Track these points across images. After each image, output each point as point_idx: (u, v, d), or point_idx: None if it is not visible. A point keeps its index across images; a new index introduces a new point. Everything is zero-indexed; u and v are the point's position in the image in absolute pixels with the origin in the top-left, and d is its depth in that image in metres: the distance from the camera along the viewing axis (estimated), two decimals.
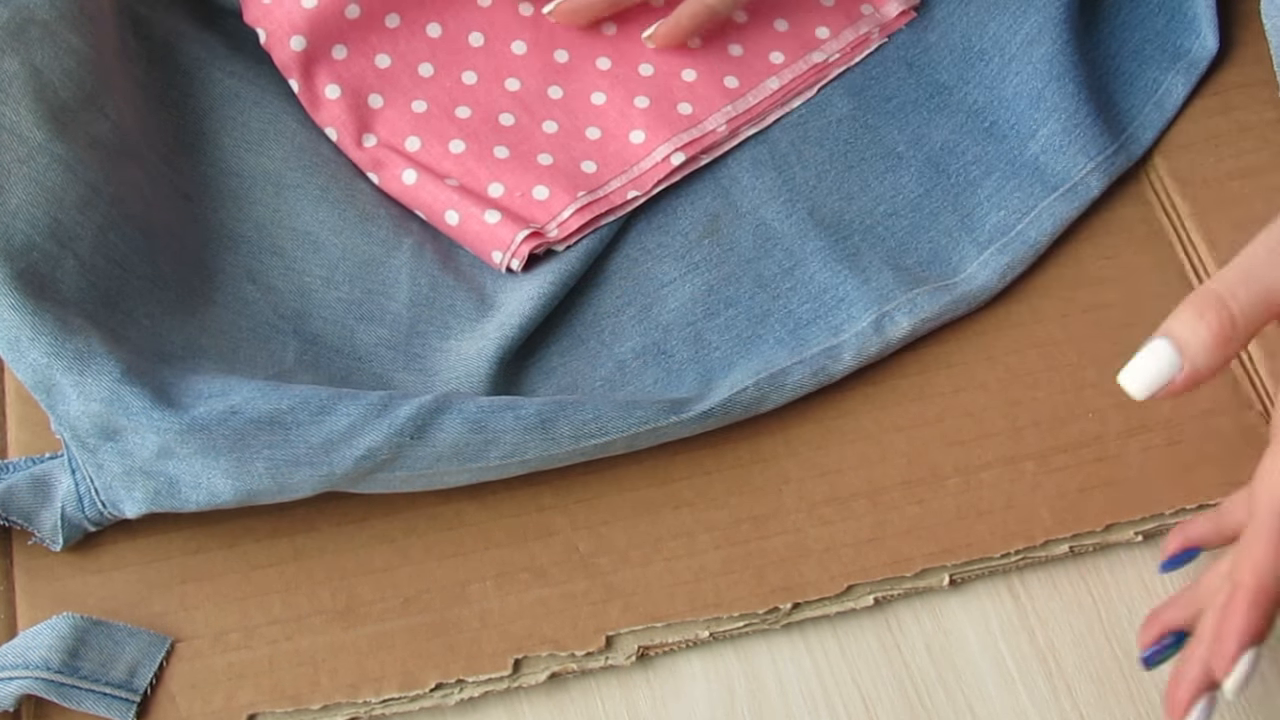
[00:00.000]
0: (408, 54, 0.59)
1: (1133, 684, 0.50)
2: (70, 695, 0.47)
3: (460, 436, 0.50)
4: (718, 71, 0.61)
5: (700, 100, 0.60)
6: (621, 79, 0.61)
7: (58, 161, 0.51)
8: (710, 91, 0.60)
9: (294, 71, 0.58)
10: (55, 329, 0.48)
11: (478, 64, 0.60)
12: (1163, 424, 0.55)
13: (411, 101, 0.59)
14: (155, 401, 0.48)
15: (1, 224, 0.49)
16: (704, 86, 0.61)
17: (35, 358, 0.48)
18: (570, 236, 0.57)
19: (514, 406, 0.50)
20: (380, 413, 0.49)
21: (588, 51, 0.61)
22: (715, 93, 0.60)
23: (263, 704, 0.49)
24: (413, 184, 0.57)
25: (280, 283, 0.56)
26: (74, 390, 0.48)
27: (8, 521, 0.50)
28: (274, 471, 0.49)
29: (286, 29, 0.57)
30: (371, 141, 0.58)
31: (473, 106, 0.59)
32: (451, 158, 0.58)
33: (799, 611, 0.51)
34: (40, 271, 0.49)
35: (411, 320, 0.56)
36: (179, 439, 0.48)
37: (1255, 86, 0.63)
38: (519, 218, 0.56)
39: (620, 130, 0.60)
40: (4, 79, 0.51)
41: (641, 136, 0.59)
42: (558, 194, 0.57)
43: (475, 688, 0.49)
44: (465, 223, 0.57)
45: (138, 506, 0.49)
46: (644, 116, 0.60)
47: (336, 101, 0.58)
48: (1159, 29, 0.64)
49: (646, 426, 0.51)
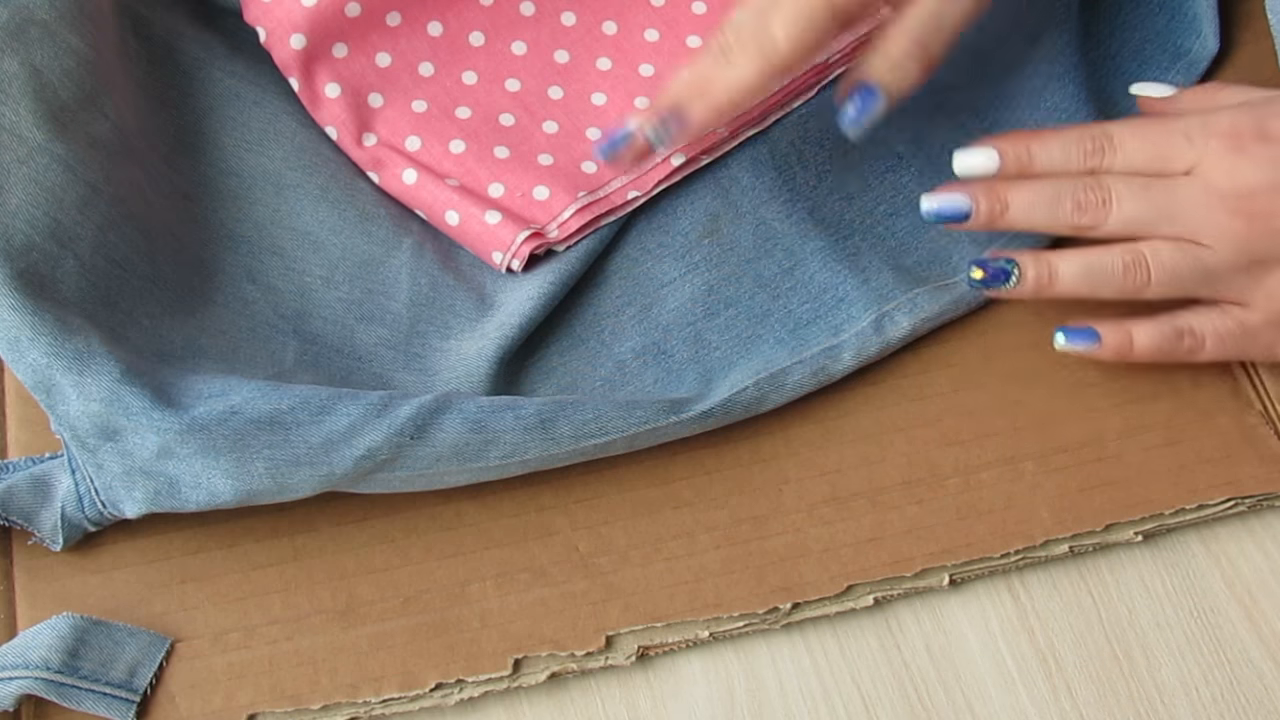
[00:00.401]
0: (408, 53, 0.59)
1: (1133, 684, 0.50)
2: (70, 695, 0.47)
3: (460, 436, 0.50)
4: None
5: None
6: (622, 80, 0.61)
7: (58, 161, 0.51)
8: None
9: (294, 70, 0.58)
10: (55, 329, 0.48)
11: (478, 64, 0.60)
12: (1163, 424, 0.55)
13: (412, 101, 0.59)
14: (155, 401, 0.48)
15: (1, 224, 0.49)
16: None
17: (35, 358, 0.48)
18: (571, 237, 0.57)
19: (514, 406, 0.50)
20: (380, 412, 0.49)
21: (588, 52, 0.61)
22: None
23: (262, 704, 0.48)
24: (413, 184, 0.57)
25: (280, 282, 0.56)
26: (74, 390, 0.48)
27: (8, 522, 0.50)
28: (274, 471, 0.49)
29: (287, 27, 0.57)
30: (372, 141, 0.58)
31: (473, 107, 0.59)
32: (452, 158, 0.58)
33: (799, 611, 0.51)
34: (40, 271, 0.49)
35: (411, 320, 0.56)
36: (179, 439, 0.48)
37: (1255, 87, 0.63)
38: (519, 218, 0.56)
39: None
40: (4, 79, 0.51)
41: None
42: (558, 194, 0.57)
43: (475, 687, 0.49)
44: (466, 223, 0.57)
45: (138, 507, 0.49)
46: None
47: (337, 100, 0.58)
48: (1159, 29, 0.64)
49: (646, 426, 0.51)
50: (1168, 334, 0.52)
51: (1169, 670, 0.51)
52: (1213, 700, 0.50)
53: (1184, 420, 0.55)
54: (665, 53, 0.61)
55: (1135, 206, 0.51)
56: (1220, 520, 0.53)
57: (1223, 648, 0.51)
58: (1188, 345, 0.52)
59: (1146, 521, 0.53)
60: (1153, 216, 0.51)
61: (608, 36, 0.62)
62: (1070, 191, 0.52)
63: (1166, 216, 0.51)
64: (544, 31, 0.61)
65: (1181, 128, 0.51)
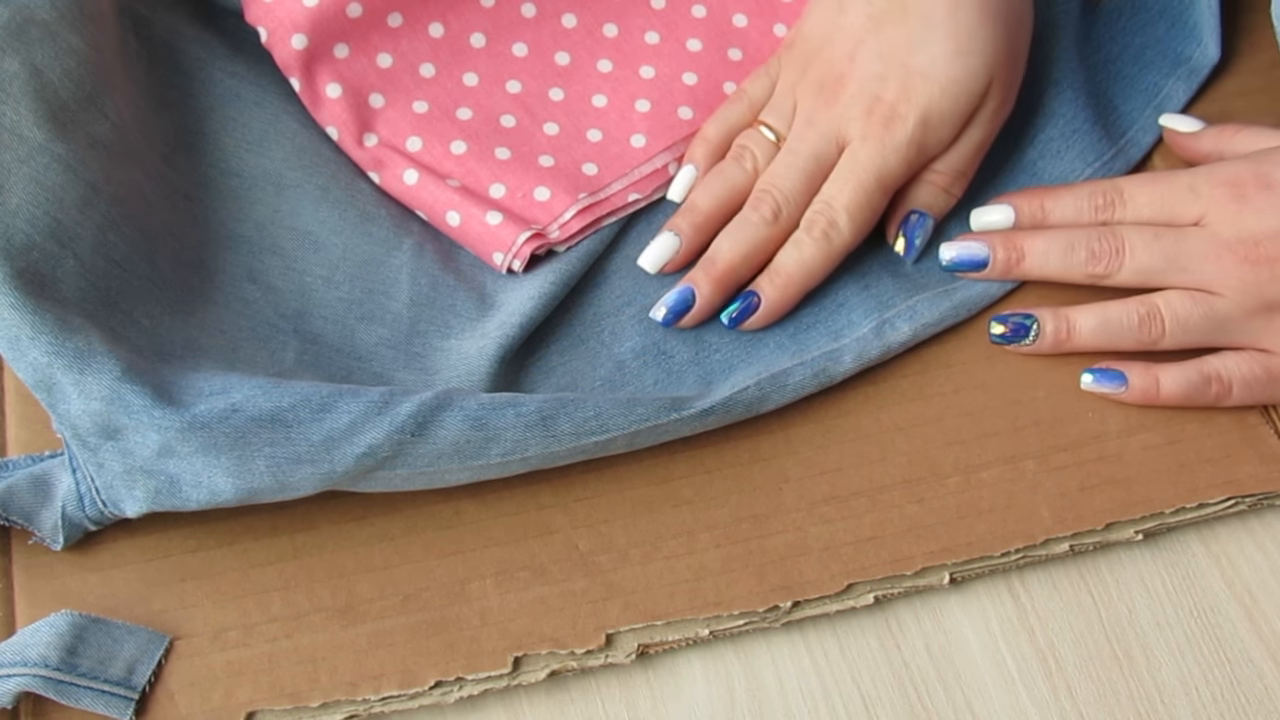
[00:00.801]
0: (409, 54, 0.60)
1: (1133, 684, 0.50)
2: (69, 693, 0.47)
3: (461, 433, 0.49)
4: (718, 76, 0.61)
5: (701, 105, 0.60)
6: (623, 81, 0.61)
7: (58, 161, 0.51)
8: (711, 97, 0.61)
9: (295, 70, 0.58)
10: (55, 328, 0.48)
11: (479, 65, 0.60)
12: (1163, 424, 0.55)
13: (413, 102, 0.59)
14: (156, 400, 0.48)
15: (1, 223, 0.49)
16: (704, 91, 0.61)
17: (36, 356, 0.48)
18: (572, 238, 0.57)
19: (515, 404, 0.50)
20: (381, 410, 0.49)
21: (589, 54, 0.61)
22: (716, 98, 0.61)
23: (262, 701, 0.48)
24: (414, 184, 0.57)
25: (280, 282, 0.56)
26: (74, 389, 0.48)
27: (8, 521, 0.50)
28: (275, 469, 0.48)
29: (288, 27, 0.57)
30: (373, 141, 0.58)
31: (474, 108, 0.59)
32: (453, 158, 0.58)
33: (799, 610, 0.51)
34: (40, 271, 0.49)
35: (412, 320, 0.56)
36: (180, 437, 0.48)
37: (1255, 95, 0.63)
38: (521, 219, 0.57)
39: (621, 133, 0.60)
40: (4, 78, 0.51)
41: (643, 140, 0.59)
42: (559, 195, 0.57)
43: (475, 685, 0.49)
44: (467, 223, 0.57)
45: (138, 505, 0.49)
46: (645, 120, 0.60)
47: (338, 100, 0.58)
48: (1160, 35, 0.64)
49: (647, 424, 0.51)
50: (1194, 380, 0.53)
51: (1169, 670, 0.51)
52: (1212, 700, 0.50)
53: (1184, 419, 0.55)
54: (666, 55, 0.62)
55: (1148, 256, 0.53)
56: (1220, 520, 0.53)
57: (1223, 647, 0.51)
58: (1215, 391, 0.53)
59: (1147, 520, 0.53)
60: (1164, 266, 0.53)
61: (608, 39, 0.62)
62: (1085, 241, 0.54)
63: (1178, 266, 0.52)
64: (545, 33, 0.61)
65: (1187, 181, 0.53)
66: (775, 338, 0.56)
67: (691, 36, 0.62)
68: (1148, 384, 0.54)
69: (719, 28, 0.62)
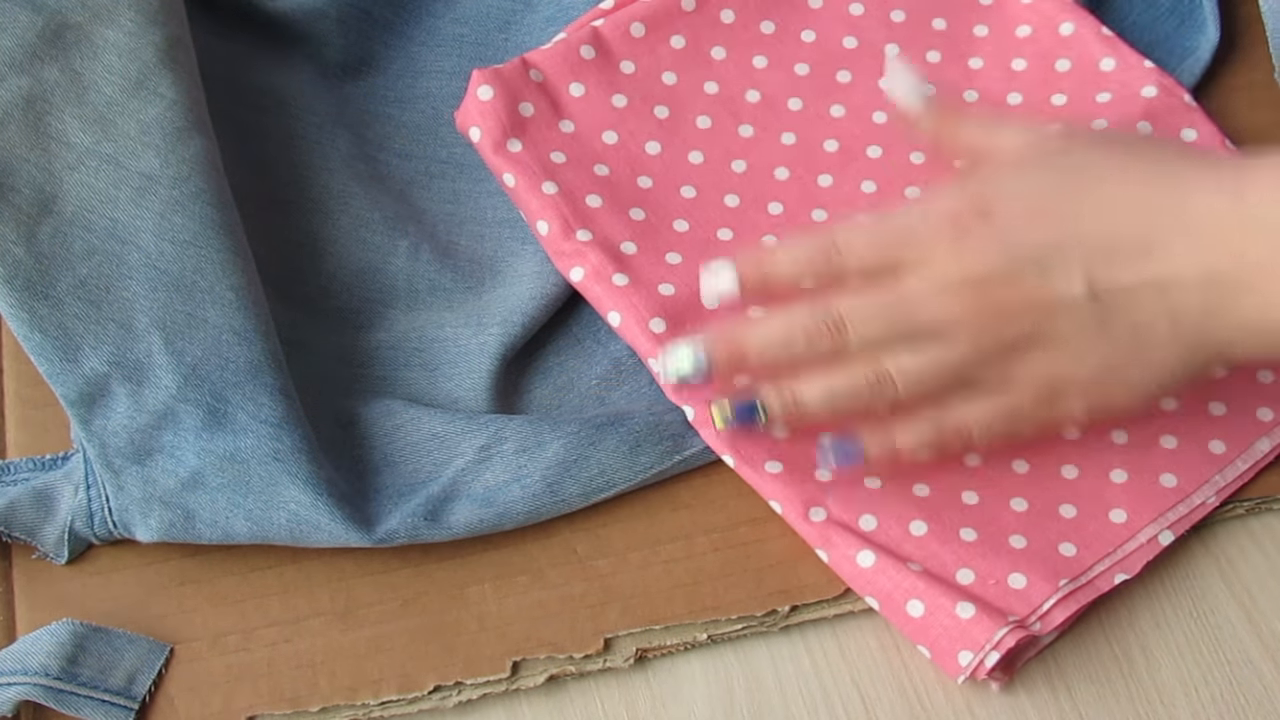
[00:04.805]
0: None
1: (1132, 684, 0.50)
2: (69, 702, 0.47)
3: (473, 515, 0.50)
4: (1202, 435, 0.54)
5: (1185, 470, 0.53)
6: (1095, 450, 0.54)
7: (107, 162, 0.51)
8: (1195, 460, 0.53)
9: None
10: (119, 337, 0.49)
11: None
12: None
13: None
14: (206, 421, 0.49)
15: (59, 233, 0.50)
16: (1186, 454, 0.54)
17: (95, 365, 0.49)
18: (1052, 630, 0.50)
19: (518, 478, 0.51)
20: (396, 501, 0.51)
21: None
22: (1200, 460, 0.53)
23: (261, 706, 0.48)
24: (870, 567, 0.50)
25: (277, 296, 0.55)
26: (128, 400, 0.49)
27: (10, 538, 0.50)
28: (293, 529, 0.49)
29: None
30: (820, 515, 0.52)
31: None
32: (913, 540, 0.51)
33: (797, 614, 0.51)
34: (104, 273, 0.50)
35: (410, 322, 0.56)
36: (218, 466, 0.49)
37: (1254, 89, 0.63)
38: (994, 609, 0.49)
39: (1098, 509, 0.53)
40: (46, 89, 0.51)
41: (1123, 516, 0.52)
42: (1036, 582, 0.50)
43: (473, 690, 0.49)
44: (931, 615, 0.49)
45: (151, 534, 0.49)
46: (1123, 493, 0.53)
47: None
48: (1169, 32, 0.63)
49: (652, 472, 0.52)
50: (927, 432, 0.50)
51: (1169, 670, 0.50)
52: (1212, 700, 0.50)
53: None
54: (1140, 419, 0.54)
55: (868, 329, 0.49)
56: (1220, 520, 0.53)
57: (1222, 648, 0.51)
58: (957, 441, 0.50)
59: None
60: (889, 333, 0.48)
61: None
62: (801, 327, 0.49)
63: (904, 326, 0.48)
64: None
65: (902, 222, 0.49)
66: None
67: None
68: (884, 451, 0.50)
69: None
